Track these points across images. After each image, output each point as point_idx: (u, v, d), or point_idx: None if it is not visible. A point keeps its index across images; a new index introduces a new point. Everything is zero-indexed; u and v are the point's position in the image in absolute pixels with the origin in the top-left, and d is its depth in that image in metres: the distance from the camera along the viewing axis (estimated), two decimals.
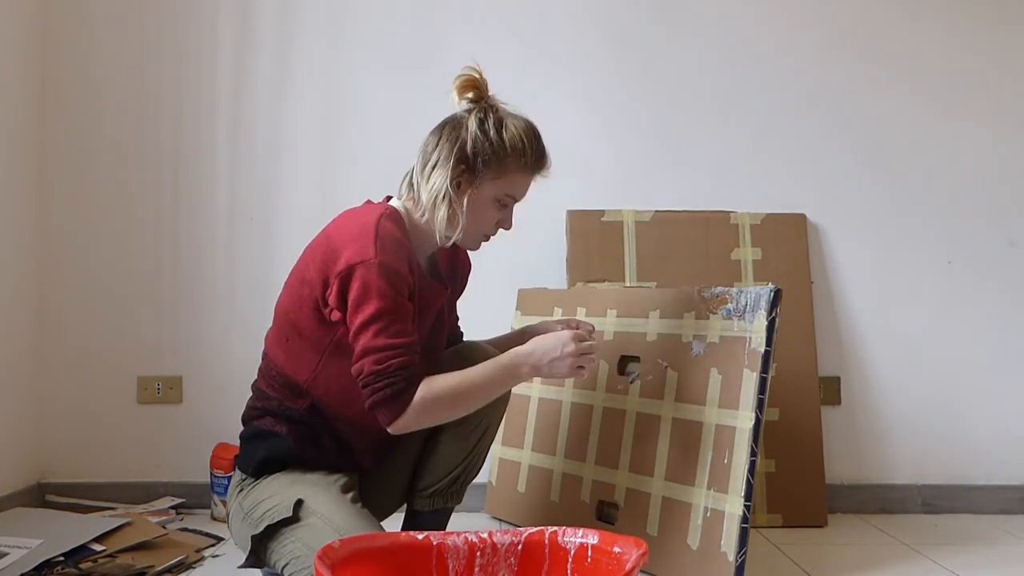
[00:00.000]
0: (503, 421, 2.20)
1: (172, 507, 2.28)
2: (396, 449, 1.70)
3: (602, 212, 2.38)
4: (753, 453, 1.67)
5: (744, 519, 1.65)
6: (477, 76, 1.59)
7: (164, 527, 2.06)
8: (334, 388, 1.57)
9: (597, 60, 2.44)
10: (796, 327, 2.30)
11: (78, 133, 2.40)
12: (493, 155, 1.56)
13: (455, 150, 1.56)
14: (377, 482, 1.72)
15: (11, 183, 2.28)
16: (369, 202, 1.68)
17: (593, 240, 2.35)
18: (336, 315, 1.51)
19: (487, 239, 1.65)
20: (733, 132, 2.43)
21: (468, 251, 1.76)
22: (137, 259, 2.40)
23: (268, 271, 2.40)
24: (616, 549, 1.31)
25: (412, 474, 1.72)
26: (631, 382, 1.94)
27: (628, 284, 2.32)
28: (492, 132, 1.57)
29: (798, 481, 2.24)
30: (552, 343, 1.55)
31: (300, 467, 1.59)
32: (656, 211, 2.39)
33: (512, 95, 2.40)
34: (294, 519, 1.50)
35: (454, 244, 1.63)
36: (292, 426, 1.60)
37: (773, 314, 1.71)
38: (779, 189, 2.42)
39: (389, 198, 1.69)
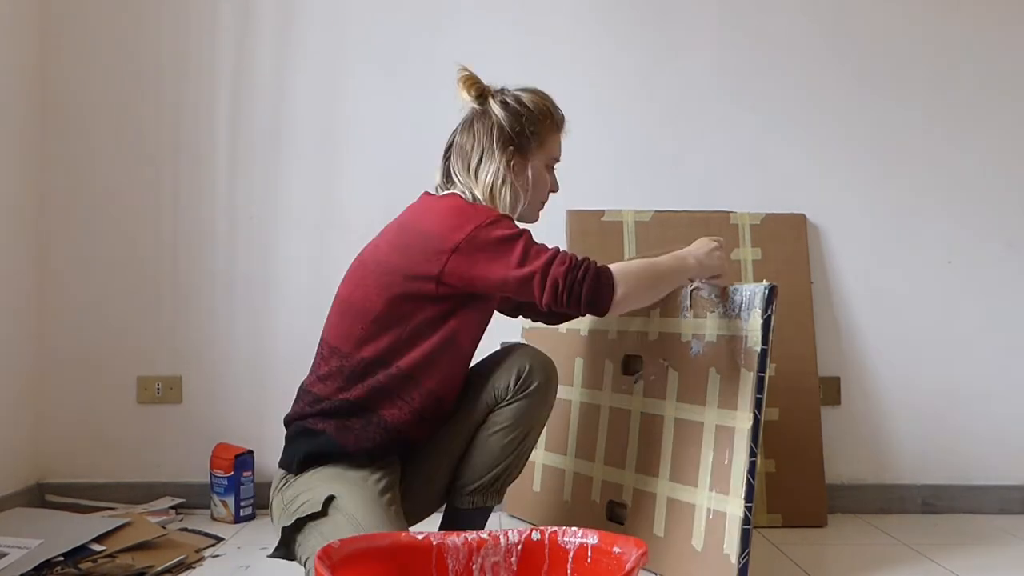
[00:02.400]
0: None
1: (172, 507, 2.28)
2: (438, 445, 1.68)
3: (602, 212, 2.38)
4: (753, 454, 1.65)
5: (746, 520, 1.64)
6: (471, 72, 1.68)
7: (164, 527, 2.06)
8: (419, 360, 1.57)
9: (597, 59, 2.44)
10: (796, 327, 2.30)
11: (77, 133, 2.40)
12: (531, 125, 1.66)
13: (496, 137, 1.64)
14: (419, 479, 1.70)
15: (11, 182, 2.28)
16: (427, 193, 1.69)
17: (593, 240, 2.35)
18: (445, 288, 1.54)
19: (543, 207, 1.75)
20: (733, 132, 2.43)
21: None
22: (137, 259, 2.41)
23: (268, 270, 2.40)
24: (616, 549, 1.30)
25: (454, 472, 1.70)
26: (635, 382, 1.94)
27: None
28: (518, 107, 1.66)
29: (798, 481, 2.24)
30: (703, 243, 1.73)
31: (343, 461, 1.58)
32: (656, 211, 2.39)
33: None
34: (322, 514, 1.51)
35: None
36: (333, 420, 1.58)
37: (769, 312, 1.68)
38: (779, 189, 2.42)
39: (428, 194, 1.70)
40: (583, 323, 2.09)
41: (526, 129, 1.65)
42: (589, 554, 1.34)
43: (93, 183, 2.40)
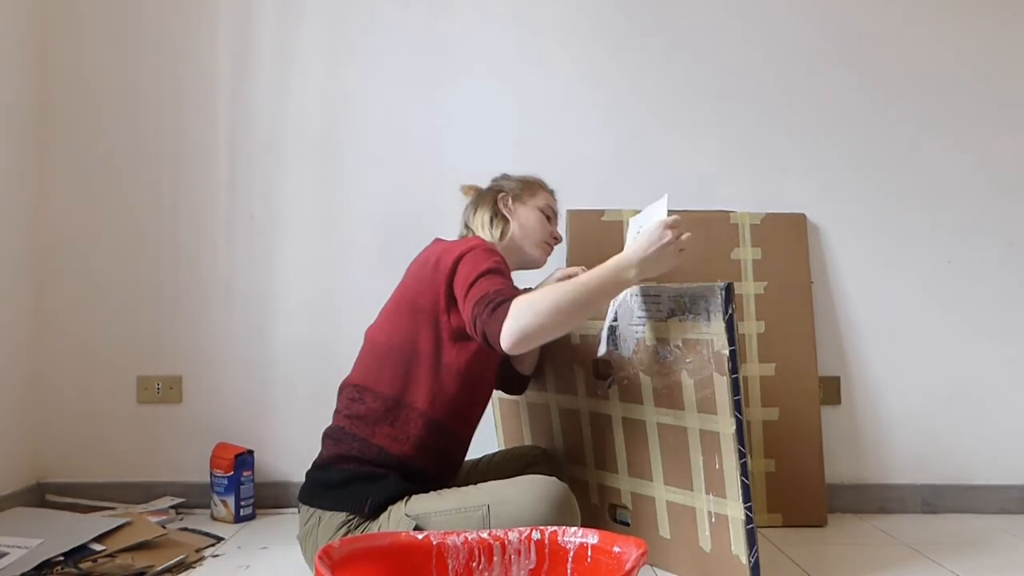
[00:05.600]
0: (501, 424, 2.21)
1: (172, 507, 2.28)
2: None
3: (602, 212, 2.38)
4: (742, 455, 1.62)
5: (748, 520, 1.63)
6: (470, 184, 2.00)
7: (164, 527, 2.06)
8: (449, 406, 1.68)
9: (597, 60, 2.44)
10: (796, 327, 2.30)
11: (78, 133, 2.40)
12: (520, 186, 1.94)
13: (490, 197, 1.93)
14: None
15: (11, 182, 2.28)
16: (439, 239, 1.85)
17: (592, 240, 2.35)
18: (455, 320, 1.65)
19: (549, 249, 1.94)
20: (733, 132, 2.43)
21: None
22: (137, 259, 2.41)
23: (268, 270, 2.40)
24: (616, 549, 1.31)
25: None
26: (609, 387, 1.86)
27: None
28: (506, 178, 1.97)
29: (798, 481, 2.24)
30: (648, 239, 1.59)
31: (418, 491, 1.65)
32: None
33: (513, 95, 2.43)
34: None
35: None
36: (394, 469, 1.64)
37: (729, 312, 1.59)
38: (779, 189, 2.42)
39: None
40: None
41: (513, 189, 1.93)
42: (589, 553, 1.34)
43: (93, 183, 2.40)
